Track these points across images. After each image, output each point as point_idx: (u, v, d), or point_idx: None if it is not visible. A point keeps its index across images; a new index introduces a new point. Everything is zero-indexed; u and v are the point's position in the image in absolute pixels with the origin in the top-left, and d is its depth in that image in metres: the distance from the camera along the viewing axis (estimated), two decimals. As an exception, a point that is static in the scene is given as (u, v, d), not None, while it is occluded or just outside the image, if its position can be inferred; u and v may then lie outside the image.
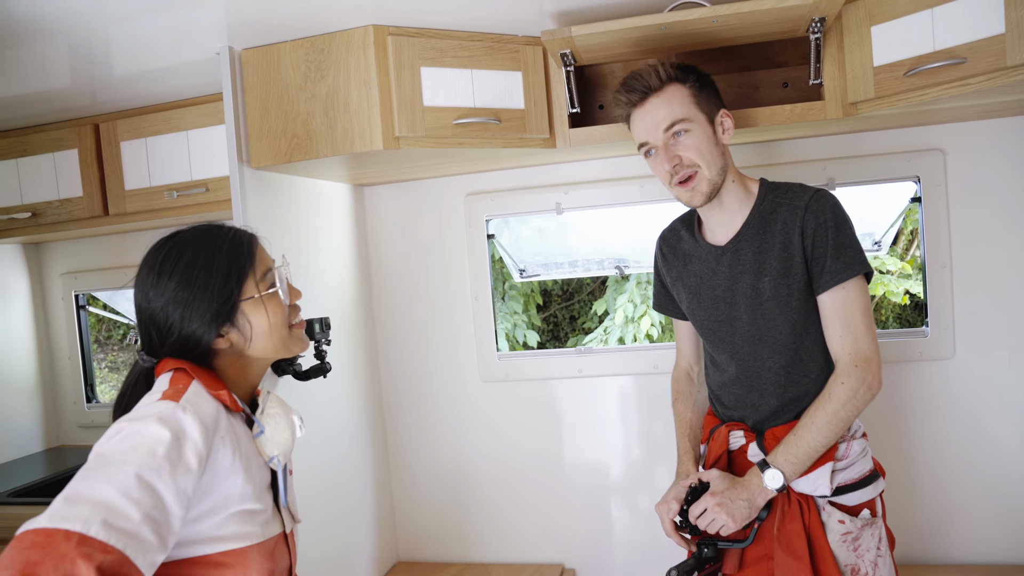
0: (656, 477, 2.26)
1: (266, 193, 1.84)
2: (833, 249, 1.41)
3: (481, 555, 2.40)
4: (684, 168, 1.45)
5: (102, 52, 1.76)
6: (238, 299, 1.15)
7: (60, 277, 2.81)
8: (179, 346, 1.14)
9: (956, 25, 1.50)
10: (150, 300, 1.14)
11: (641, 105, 1.48)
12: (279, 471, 1.20)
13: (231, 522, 1.09)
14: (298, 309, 1.27)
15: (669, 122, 1.45)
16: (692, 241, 1.61)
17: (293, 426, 1.23)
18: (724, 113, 1.51)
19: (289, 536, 1.22)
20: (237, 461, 1.10)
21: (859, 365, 1.40)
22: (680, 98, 1.46)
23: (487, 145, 1.79)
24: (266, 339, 1.18)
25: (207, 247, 1.15)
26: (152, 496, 0.94)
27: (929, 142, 2.03)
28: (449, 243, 2.37)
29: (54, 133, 2.25)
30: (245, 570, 1.09)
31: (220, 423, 1.09)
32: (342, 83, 1.69)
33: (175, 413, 1.02)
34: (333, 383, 2.06)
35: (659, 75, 1.46)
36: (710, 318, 1.57)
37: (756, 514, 1.43)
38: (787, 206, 1.46)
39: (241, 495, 1.10)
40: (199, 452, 1.02)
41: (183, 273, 1.12)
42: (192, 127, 2.11)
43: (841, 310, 1.42)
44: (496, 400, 2.37)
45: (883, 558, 1.45)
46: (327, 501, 2.04)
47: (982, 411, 2.04)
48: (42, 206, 2.30)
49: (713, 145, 1.47)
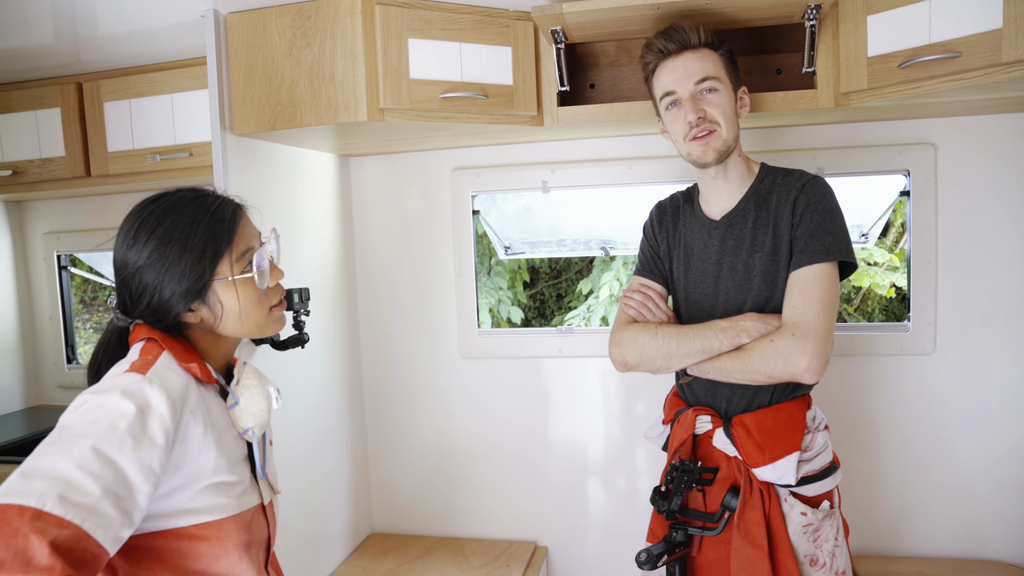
0: (635, 459, 2.27)
1: (249, 160, 1.82)
2: (816, 231, 1.42)
3: (455, 529, 2.42)
4: (707, 123, 1.47)
5: (86, 10, 1.72)
6: (210, 279, 1.11)
7: (42, 237, 2.78)
8: (150, 312, 1.12)
9: (953, 18, 1.48)
10: (126, 262, 1.11)
11: (676, 56, 1.49)
12: (254, 443, 1.19)
13: (205, 495, 1.07)
14: (280, 289, 1.23)
15: (702, 76, 1.47)
16: (691, 213, 1.61)
17: (269, 397, 1.21)
18: (744, 91, 1.54)
19: (268, 507, 1.21)
20: (209, 434, 1.08)
21: (795, 334, 1.38)
22: (714, 60, 1.49)
23: (474, 120, 1.77)
24: (236, 321, 1.15)
25: (186, 219, 1.10)
26: (113, 471, 0.93)
27: (921, 136, 2.02)
28: (434, 218, 2.35)
29: (37, 90, 2.21)
30: (221, 542, 1.08)
31: (190, 396, 1.07)
32: (328, 52, 1.66)
33: (140, 386, 1.00)
34: (311, 353, 2.05)
35: (699, 34, 1.48)
36: (696, 290, 1.57)
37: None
38: (784, 186, 1.49)
39: (214, 468, 1.08)
40: (165, 426, 1.00)
41: (159, 241, 1.09)
42: (176, 90, 2.07)
43: (803, 285, 1.42)
44: (476, 377, 2.37)
45: (840, 548, 1.48)
46: (302, 471, 2.04)
47: (957, 408, 2.05)
48: (24, 164, 2.27)
49: (733, 113, 1.50)
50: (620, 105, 1.80)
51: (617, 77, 1.99)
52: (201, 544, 1.07)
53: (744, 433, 1.46)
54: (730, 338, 1.44)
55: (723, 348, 1.45)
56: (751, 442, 1.45)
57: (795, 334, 1.38)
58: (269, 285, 1.18)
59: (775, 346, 1.39)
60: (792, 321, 1.40)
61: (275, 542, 1.25)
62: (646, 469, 2.26)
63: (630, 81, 1.97)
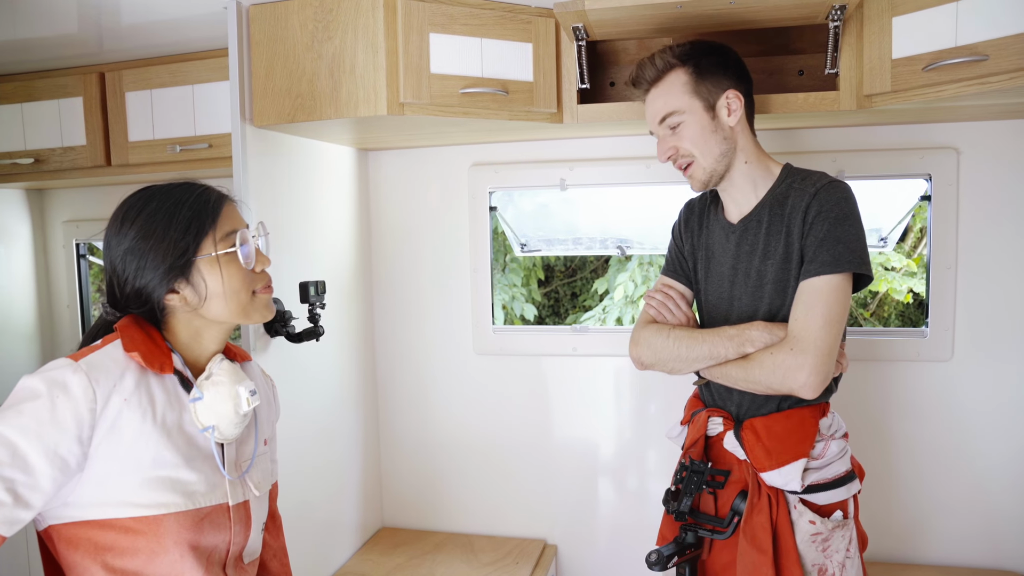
0: (647, 460, 2.27)
1: (268, 152, 1.82)
2: (825, 241, 1.37)
3: (465, 526, 2.42)
4: (680, 158, 1.49)
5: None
6: (194, 255, 1.10)
7: (62, 225, 2.80)
8: (133, 299, 1.12)
9: (980, 21, 1.46)
10: (111, 249, 1.12)
11: (644, 97, 1.53)
12: (211, 442, 1.14)
13: (144, 488, 1.05)
14: (267, 277, 1.20)
15: (662, 115, 1.49)
16: (714, 214, 1.60)
17: (237, 397, 1.13)
18: (731, 95, 1.46)
19: (237, 508, 1.17)
20: (150, 425, 1.06)
21: (794, 348, 1.36)
22: (676, 87, 1.47)
23: (493, 116, 1.77)
24: (221, 302, 1.13)
25: (171, 200, 1.12)
26: (12, 454, 0.96)
27: (944, 140, 1.99)
28: (451, 213, 2.35)
29: (59, 80, 2.23)
30: (158, 538, 1.06)
31: (125, 384, 1.06)
32: (349, 45, 1.66)
33: (62, 371, 1.02)
34: (326, 346, 2.06)
35: (656, 65, 1.49)
36: (714, 294, 1.56)
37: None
38: (799, 190, 1.44)
39: (155, 461, 1.06)
40: (77, 411, 1.00)
41: (143, 223, 1.10)
42: (197, 81, 2.08)
43: (807, 297, 1.38)
44: (489, 373, 2.37)
45: (852, 559, 1.45)
46: (315, 464, 2.04)
47: (974, 415, 2.03)
48: (45, 152, 2.28)
49: (710, 132, 1.46)
50: (640, 104, 1.78)
51: (637, 75, 1.98)
52: (137, 538, 1.05)
53: (753, 437, 1.45)
54: (736, 346, 1.43)
55: (729, 355, 1.44)
56: (759, 446, 1.44)
57: (794, 348, 1.36)
58: (255, 268, 1.17)
59: (775, 359, 1.38)
60: (793, 335, 1.37)
61: (248, 543, 1.20)
62: (657, 470, 2.26)
63: (650, 80, 1.96)
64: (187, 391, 1.14)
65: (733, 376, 1.45)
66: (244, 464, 1.21)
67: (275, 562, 1.37)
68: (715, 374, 1.48)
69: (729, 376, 1.46)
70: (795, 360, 1.35)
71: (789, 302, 1.43)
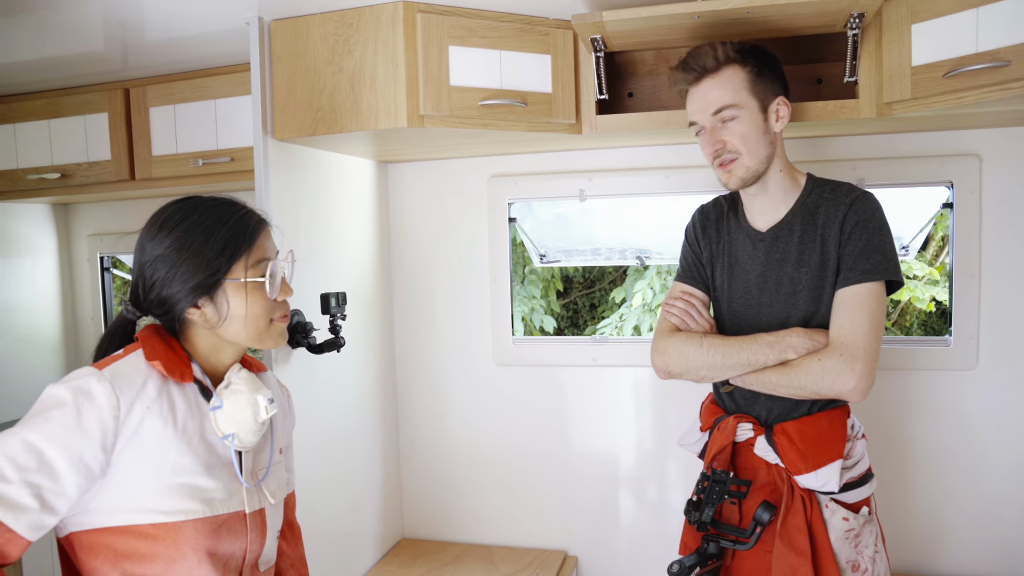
0: (667, 470, 2.25)
1: (289, 165, 1.84)
2: (864, 250, 1.42)
3: (485, 537, 2.42)
4: (727, 153, 1.47)
5: (135, 16, 1.76)
6: (223, 276, 1.12)
7: (87, 239, 2.85)
8: (156, 305, 1.14)
9: (1001, 26, 1.46)
10: (144, 251, 1.14)
11: (696, 84, 1.49)
12: (231, 450, 1.16)
13: (165, 495, 1.07)
14: (286, 306, 1.23)
15: (718, 107, 1.46)
16: (735, 222, 1.60)
17: (256, 405, 1.16)
18: (781, 101, 1.49)
19: (253, 516, 1.18)
20: (171, 432, 1.08)
21: (844, 354, 1.38)
22: (735, 82, 1.45)
23: (512, 128, 1.78)
24: (240, 325, 1.15)
25: (212, 217, 1.14)
26: (39, 460, 0.97)
27: (965, 147, 1.98)
28: (470, 224, 2.36)
29: (85, 96, 2.27)
30: (177, 545, 1.07)
31: (147, 392, 1.07)
32: (369, 58, 1.68)
33: (87, 380, 1.03)
34: (347, 358, 2.07)
35: (716, 56, 1.46)
36: (739, 301, 1.56)
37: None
38: (832, 201, 1.47)
39: (175, 468, 1.08)
40: (102, 419, 1.02)
41: (181, 234, 1.12)
42: (220, 96, 2.11)
43: (851, 304, 1.41)
44: (509, 384, 2.37)
45: (880, 554, 1.48)
46: (335, 475, 2.05)
47: (998, 426, 2.00)
48: (71, 167, 2.32)
49: (761, 134, 1.46)
50: (658, 114, 1.79)
51: (656, 86, 1.99)
52: (155, 544, 1.06)
53: (787, 441, 1.46)
54: (776, 353, 1.44)
55: (768, 362, 1.45)
56: (794, 450, 1.44)
57: (843, 354, 1.38)
58: (278, 298, 1.19)
59: (823, 365, 1.39)
60: (840, 340, 1.39)
61: (264, 550, 1.22)
62: (678, 481, 2.24)
63: (668, 90, 1.96)
64: (207, 400, 1.16)
65: (772, 382, 1.45)
66: (260, 472, 1.22)
67: (293, 572, 1.38)
68: (750, 381, 1.48)
69: (767, 383, 1.46)
70: (846, 365, 1.37)
71: (823, 309, 1.46)
